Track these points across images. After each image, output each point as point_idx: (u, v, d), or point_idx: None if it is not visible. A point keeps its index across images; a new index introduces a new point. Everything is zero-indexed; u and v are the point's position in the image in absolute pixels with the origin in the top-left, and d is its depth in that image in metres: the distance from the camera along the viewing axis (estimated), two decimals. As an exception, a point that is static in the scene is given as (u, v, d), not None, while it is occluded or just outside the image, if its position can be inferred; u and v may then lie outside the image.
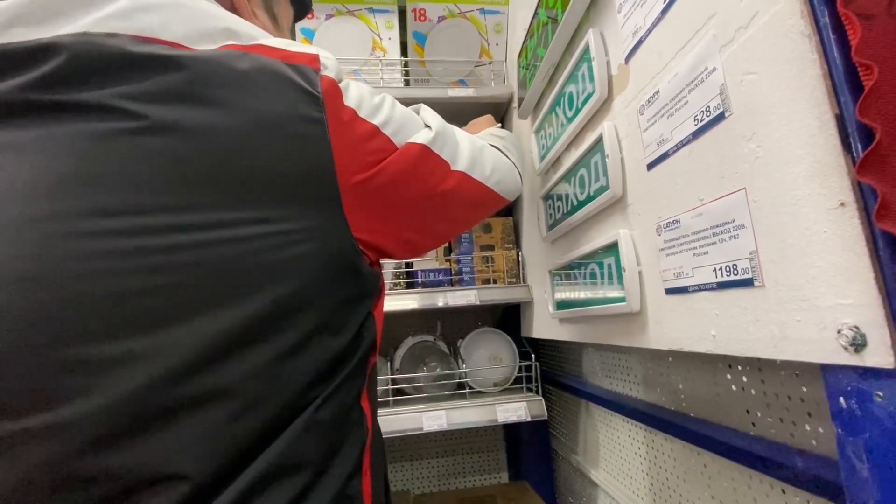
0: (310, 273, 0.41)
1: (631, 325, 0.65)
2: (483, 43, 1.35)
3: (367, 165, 0.46)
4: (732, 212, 0.45)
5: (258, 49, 0.43)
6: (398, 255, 0.56)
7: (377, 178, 0.46)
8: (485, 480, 1.57)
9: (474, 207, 0.63)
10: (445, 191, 0.54)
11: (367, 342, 0.47)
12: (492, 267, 1.25)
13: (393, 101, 0.51)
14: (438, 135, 0.53)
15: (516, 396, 1.18)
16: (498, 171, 0.63)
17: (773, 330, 0.40)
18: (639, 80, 0.61)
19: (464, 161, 0.57)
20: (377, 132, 0.47)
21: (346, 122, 0.45)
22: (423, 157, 0.51)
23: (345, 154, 0.44)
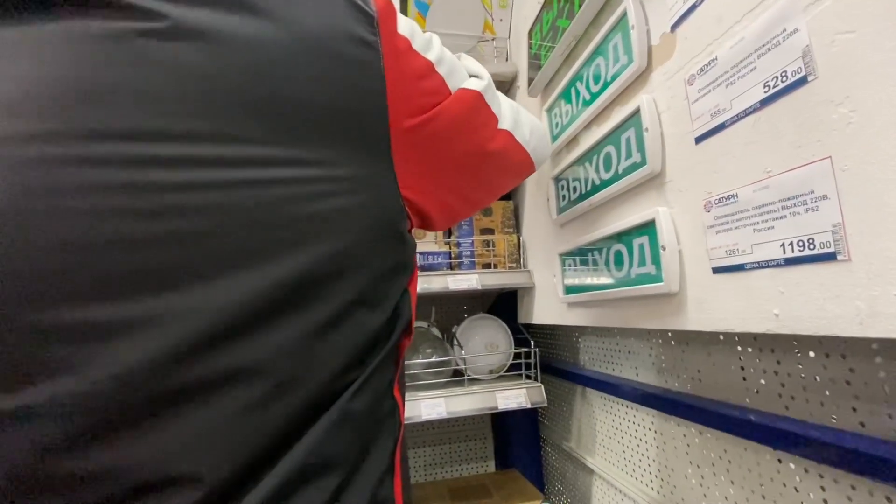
0: (353, 232, 0.35)
1: (666, 307, 0.63)
2: (487, 18, 1.30)
3: (421, 108, 0.40)
4: (812, 182, 0.42)
5: None
6: (437, 222, 0.49)
7: (430, 124, 0.40)
8: (472, 469, 1.55)
9: (511, 173, 0.59)
10: (492, 151, 0.49)
11: (403, 322, 0.41)
12: (492, 251, 1.21)
13: (439, 39, 0.45)
14: (490, 85, 0.48)
15: (515, 383, 1.15)
16: (535, 135, 0.59)
17: (860, 306, 0.38)
18: (688, 48, 0.58)
19: (508, 120, 0.52)
20: (432, 70, 0.41)
21: (402, 52, 0.38)
22: (477, 107, 0.45)
23: (399, 90, 0.37)
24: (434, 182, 0.43)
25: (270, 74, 0.32)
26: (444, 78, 0.42)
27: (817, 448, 0.51)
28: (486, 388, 1.12)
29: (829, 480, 0.52)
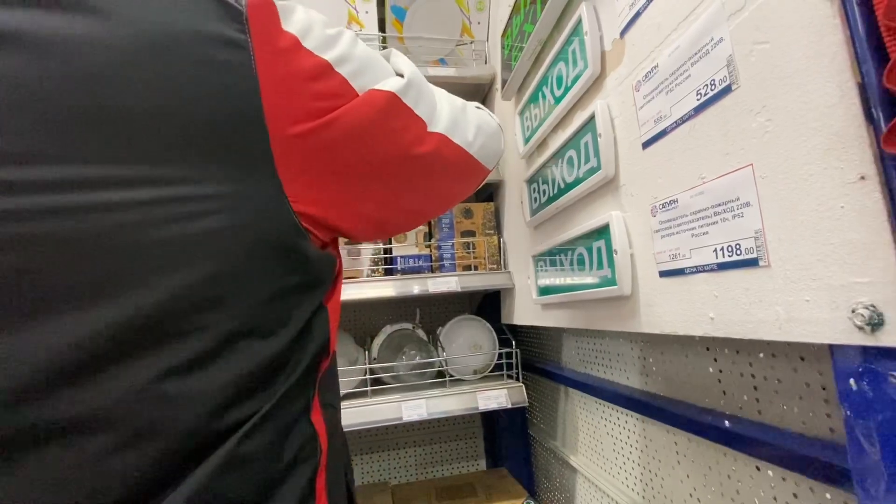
0: (228, 256, 0.31)
1: (621, 309, 0.64)
2: (464, 20, 1.31)
3: (313, 113, 0.35)
4: (737, 189, 0.43)
5: None
6: (358, 235, 0.46)
7: (327, 130, 0.36)
8: (463, 468, 1.56)
9: (453, 177, 0.51)
10: (419, 155, 0.43)
11: (316, 344, 0.38)
12: (473, 253, 1.22)
13: (354, 36, 0.40)
14: (412, 84, 0.42)
15: (496, 383, 1.17)
16: (482, 134, 0.52)
17: (779, 311, 0.39)
18: (635, 55, 0.59)
19: (443, 121, 0.46)
20: (328, 70, 0.36)
21: (283, 50, 0.34)
22: (391, 110, 0.40)
23: (278, 94, 0.33)
24: (342, 194, 0.39)
25: (108, 82, 0.28)
26: (348, 78, 0.37)
27: (789, 455, 0.51)
28: (468, 388, 1.13)
29: (805, 489, 0.53)
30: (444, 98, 0.50)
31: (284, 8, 0.35)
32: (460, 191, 0.56)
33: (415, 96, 0.42)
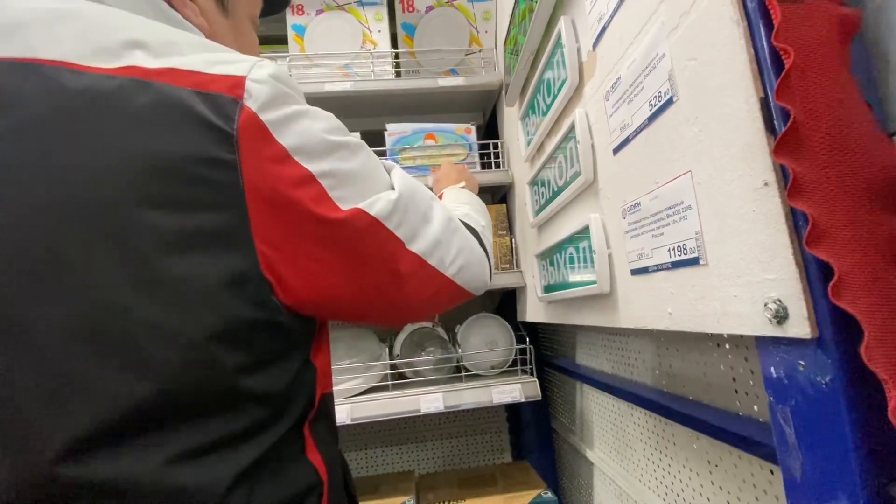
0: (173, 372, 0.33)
1: (604, 306, 0.68)
2: (472, 31, 1.36)
3: (292, 223, 0.37)
4: (681, 194, 0.46)
5: (166, 75, 0.35)
6: (339, 318, 0.47)
7: (301, 246, 0.38)
8: (488, 461, 1.61)
9: (428, 296, 0.49)
10: (394, 270, 0.44)
11: (299, 406, 0.40)
12: (485, 253, 1.27)
13: (357, 145, 0.42)
14: (399, 205, 0.43)
15: (511, 378, 1.21)
16: (463, 256, 0.51)
17: (716, 306, 0.42)
18: (604, 66, 0.62)
19: (424, 242, 0.46)
20: (310, 180, 0.37)
21: (271, 160, 0.36)
22: (371, 233, 0.41)
23: (262, 204, 0.35)
24: (322, 291, 0.41)
25: (98, 201, 0.32)
26: (327, 189, 0.38)
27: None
28: (482, 383, 1.19)
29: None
30: (440, 214, 0.49)
31: (282, 120, 0.37)
32: (438, 305, 0.54)
33: (398, 219, 0.43)
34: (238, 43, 0.52)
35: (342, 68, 1.32)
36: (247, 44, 0.54)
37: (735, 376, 0.60)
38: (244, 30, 0.53)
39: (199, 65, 0.36)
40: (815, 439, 0.35)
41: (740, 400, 0.59)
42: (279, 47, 1.36)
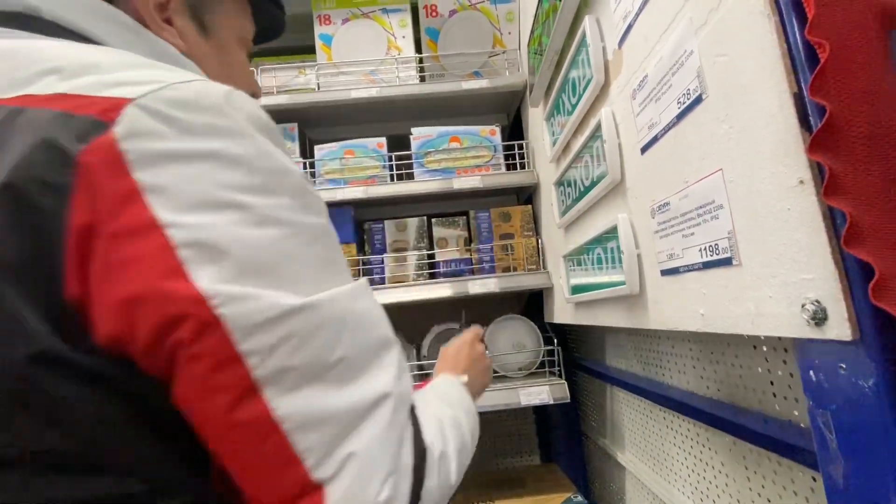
0: None
1: (633, 307, 0.67)
2: (495, 33, 1.36)
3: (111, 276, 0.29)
4: (712, 193, 0.45)
5: (50, 100, 0.31)
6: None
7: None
8: (516, 462, 1.61)
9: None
10: (234, 422, 0.31)
11: None
12: (511, 255, 1.27)
13: (300, 227, 0.33)
14: (293, 322, 0.30)
15: (539, 380, 1.21)
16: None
17: (750, 307, 0.41)
18: (630, 64, 0.62)
19: (302, 405, 0.30)
20: (152, 232, 0.29)
21: (112, 195, 0.29)
22: (208, 333, 0.30)
23: (82, 245, 0.28)
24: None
25: None
26: (180, 251, 0.29)
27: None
28: (510, 384, 1.18)
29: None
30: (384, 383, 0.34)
31: (155, 155, 0.30)
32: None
33: (268, 343, 0.30)
34: (223, 65, 0.50)
35: (368, 75, 1.35)
36: (233, 65, 0.51)
37: (773, 379, 0.58)
38: (230, 52, 0.51)
39: (93, 87, 0.31)
40: (858, 445, 0.33)
41: (779, 404, 0.57)
42: (307, 57, 1.40)
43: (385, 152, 1.32)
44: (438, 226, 1.30)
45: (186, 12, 0.46)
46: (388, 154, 1.31)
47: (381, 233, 1.30)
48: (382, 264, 1.27)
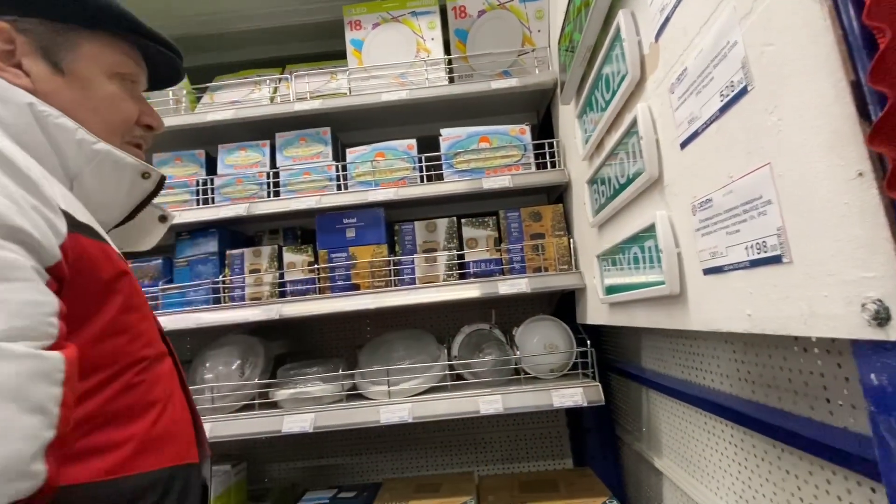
0: None
1: (673, 308, 0.65)
2: (525, 31, 1.35)
3: None
4: (759, 188, 0.44)
5: None
6: None
7: None
8: (548, 465, 1.59)
9: None
10: None
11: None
12: (542, 255, 1.25)
13: None
14: None
15: (572, 382, 1.18)
16: None
17: (803, 307, 0.40)
18: (668, 58, 0.60)
19: None
20: None
21: None
22: None
23: None
24: None
25: None
26: None
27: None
28: (542, 386, 1.17)
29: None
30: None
31: None
32: None
33: None
34: (86, 98, 0.55)
35: (398, 78, 1.36)
36: (101, 98, 0.56)
37: (826, 384, 0.55)
38: (95, 86, 0.55)
39: None
40: (928, 454, 0.31)
41: (833, 410, 0.54)
42: (339, 62, 1.43)
43: (415, 154, 1.33)
44: (468, 226, 1.30)
45: (37, 54, 0.53)
46: (418, 155, 1.32)
47: (412, 233, 1.31)
48: (413, 265, 1.28)
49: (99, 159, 0.52)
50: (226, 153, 1.37)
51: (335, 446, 1.61)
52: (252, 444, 1.59)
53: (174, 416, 0.53)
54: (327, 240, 1.29)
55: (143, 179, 0.57)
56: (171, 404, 0.53)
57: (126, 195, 0.56)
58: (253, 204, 1.29)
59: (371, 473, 1.60)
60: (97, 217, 0.52)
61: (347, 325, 1.65)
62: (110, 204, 0.55)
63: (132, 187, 0.56)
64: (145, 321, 0.53)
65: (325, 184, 1.33)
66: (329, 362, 1.36)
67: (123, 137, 0.59)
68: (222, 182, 1.33)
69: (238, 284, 1.29)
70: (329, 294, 1.25)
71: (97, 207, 0.53)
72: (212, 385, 1.23)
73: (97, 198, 0.53)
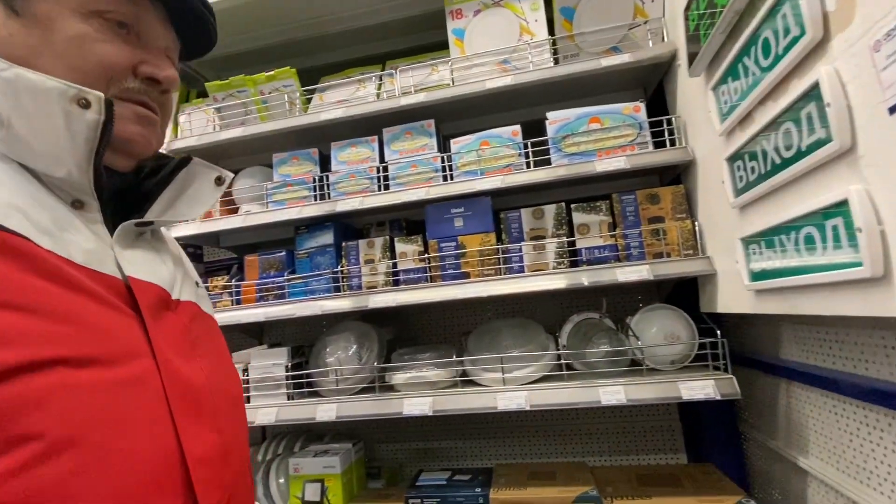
0: None
1: (871, 292, 0.58)
2: (637, 2, 1.27)
3: None
4: None
5: None
6: None
7: None
8: (659, 459, 1.52)
9: None
10: None
11: None
12: (664, 240, 1.19)
13: None
14: None
15: (701, 374, 1.12)
16: None
17: None
18: (869, 13, 0.53)
19: None
20: None
21: None
22: None
23: None
24: None
25: None
26: None
27: None
28: (667, 378, 1.12)
29: None
30: None
31: None
32: None
33: None
34: (45, 41, 0.45)
35: (501, 64, 1.35)
36: (61, 40, 0.45)
37: None
38: (57, 26, 0.45)
39: None
40: None
41: None
42: (441, 53, 1.44)
43: (520, 139, 1.31)
44: (578, 211, 1.26)
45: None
46: (524, 141, 1.30)
47: (518, 221, 1.30)
48: (521, 252, 1.27)
49: (13, 89, 0.41)
50: (338, 150, 1.44)
51: (437, 430, 1.66)
52: (359, 426, 1.69)
53: (107, 466, 0.37)
54: (436, 230, 1.32)
55: (81, 108, 0.42)
56: (102, 444, 0.37)
57: (67, 132, 0.42)
58: (366, 197, 1.35)
59: (473, 458, 1.63)
60: (52, 172, 0.43)
61: (449, 313, 1.68)
62: (53, 151, 0.43)
63: (69, 120, 0.42)
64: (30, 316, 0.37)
65: (432, 175, 1.35)
66: (439, 348, 1.40)
67: (111, 90, 0.46)
68: (336, 178, 1.40)
69: (355, 274, 1.36)
70: (440, 282, 1.28)
71: (44, 158, 0.43)
72: (335, 368, 1.32)
73: (37, 145, 0.43)
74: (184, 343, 0.49)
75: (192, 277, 0.60)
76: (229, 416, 0.51)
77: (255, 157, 1.64)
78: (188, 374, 0.46)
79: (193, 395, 0.46)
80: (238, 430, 0.54)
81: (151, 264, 0.51)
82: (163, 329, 0.46)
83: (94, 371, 0.38)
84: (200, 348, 0.51)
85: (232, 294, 1.42)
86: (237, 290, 1.42)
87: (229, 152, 1.60)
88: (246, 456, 0.56)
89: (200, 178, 0.55)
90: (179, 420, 0.43)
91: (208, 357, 0.52)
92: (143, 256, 0.50)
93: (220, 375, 0.53)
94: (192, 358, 0.49)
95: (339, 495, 1.29)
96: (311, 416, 1.26)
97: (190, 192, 0.55)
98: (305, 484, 1.31)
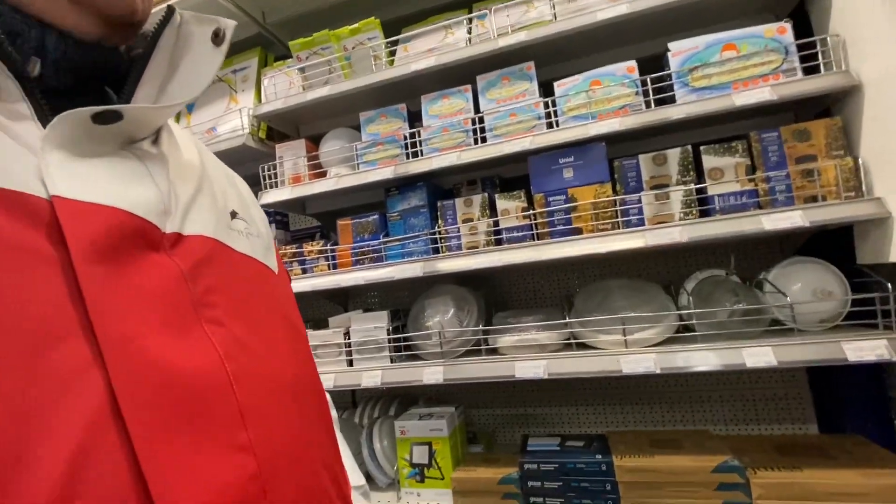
0: None
1: None
2: None
3: None
4: None
5: None
6: None
7: None
8: (785, 430, 1.39)
9: None
10: None
11: None
12: (818, 181, 1.03)
13: None
14: None
15: (866, 333, 0.97)
16: None
17: None
18: None
19: None
20: None
21: None
22: None
23: None
24: None
25: None
26: None
27: None
28: (828, 337, 0.98)
29: None
30: None
31: None
32: None
33: None
34: None
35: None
36: None
37: None
38: None
39: None
40: None
41: None
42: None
43: (636, 76, 1.17)
44: (709, 154, 1.11)
45: None
46: (641, 78, 1.16)
47: (635, 168, 1.17)
48: (640, 203, 1.15)
49: None
50: (429, 103, 1.35)
51: (532, 396, 1.60)
52: (452, 390, 1.66)
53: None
54: (543, 182, 1.22)
55: None
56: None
57: None
58: (462, 152, 1.26)
59: (571, 425, 1.57)
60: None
61: (545, 274, 1.59)
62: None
63: None
64: None
65: (534, 123, 1.24)
66: (541, 311, 1.33)
67: None
68: (429, 133, 1.33)
69: (454, 235, 1.29)
70: (548, 240, 1.19)
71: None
72: (439, 331, 1.28)
73: None
74: (174, 304, 0.32)
75: (225, 206, 0.42)
76: (278, 417, 0.35)
77: (339, 119, 1.59)
78: (176, 357, 0.29)
79: (187, 394, 0.29)
80: (298, 434, 0.37)
81: (118, 180, 0.32)
82: (123, 282, 0.29)
83: None
84: (218, 309, 0.34)
85: (328, 258, 1.40)
86: (332, 254, 1.40)
87: (315, 113, 1.56)
88: (314, 470, 0.38)
89: (194, 42, 0.38)
90: (143, 443, 0.26)
91: (240, 323, 0.35)
92: (106, 169, 0.32)
93: (263, 352, 0.36)
94: (190, 328, 0.32)
95: (447, 458, 1.27)
96: (418, 378, 1.23)
97: (185, 65, 0.37)
98: (413, 446, 1.29)
